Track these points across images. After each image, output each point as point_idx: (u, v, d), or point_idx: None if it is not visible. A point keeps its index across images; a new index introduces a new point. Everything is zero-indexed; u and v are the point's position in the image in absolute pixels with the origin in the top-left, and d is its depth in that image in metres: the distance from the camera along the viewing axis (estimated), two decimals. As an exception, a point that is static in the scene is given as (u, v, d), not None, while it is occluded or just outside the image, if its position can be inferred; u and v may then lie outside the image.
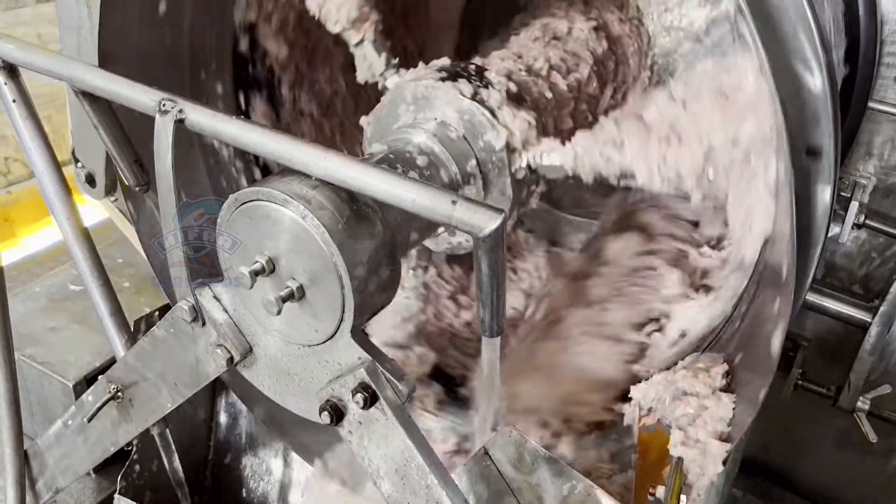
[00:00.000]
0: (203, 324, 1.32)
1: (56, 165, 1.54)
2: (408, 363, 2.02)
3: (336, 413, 1.21)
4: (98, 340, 2.39)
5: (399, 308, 2.06)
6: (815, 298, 2.00)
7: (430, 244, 1.62)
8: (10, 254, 3.27)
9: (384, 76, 1.62)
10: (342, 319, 1.16)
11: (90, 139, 1.94)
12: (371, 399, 1.17)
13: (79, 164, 2.08)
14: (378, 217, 1.19)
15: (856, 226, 1.94)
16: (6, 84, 1.45)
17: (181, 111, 1.18)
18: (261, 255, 1.18)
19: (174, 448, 1.89)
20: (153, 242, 1.77)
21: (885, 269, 2.09)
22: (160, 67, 1.68)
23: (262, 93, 2.01)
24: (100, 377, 1.52)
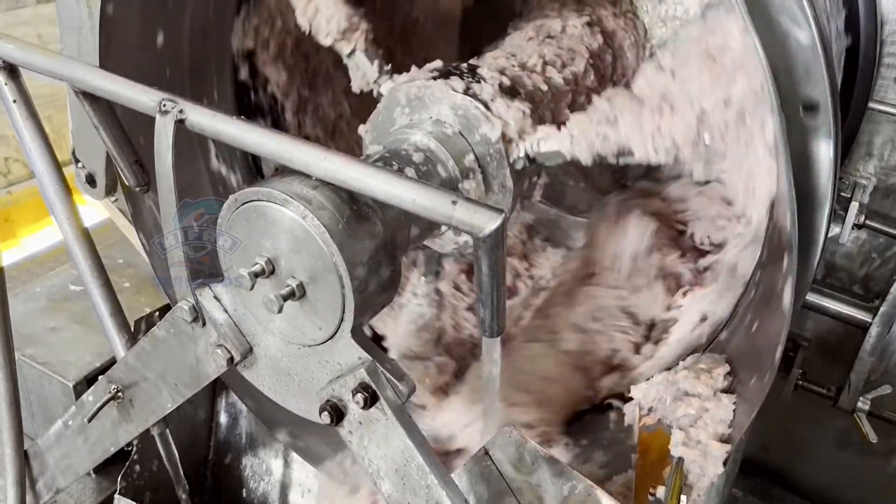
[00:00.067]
0: (203, 324, 1.32)
1: (56, 165, 1.54)
2: (428, 374, 2.01)
3: (336, 413, 1.21)
4: (98, 340, 2.39)
5: (413, 316, 2.05)
6: (816, 298, 2.00)
7: (437, 245, 1.61)
8: (11, 254, 3.27)
9: (378, 83, 1.63)
10: (342, 319, 1.16)
11: (90, 139, 1.94)
12: (371, 399, 1.17)
13: (79, 165, 2.09)
14: (378, 217, 1.19)
15: (856, 226, 1.94)
16: (7, 84, 1.45)
17: (181, 111, 1.18)
18: (260, 257, 1.18)
19: (174, 448, 1.89)
20: (153, 242, 1.77)
21: (886, 270, 2.09)
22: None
23: (267, 120, 2.03)
24: (100, 377, 1.52)
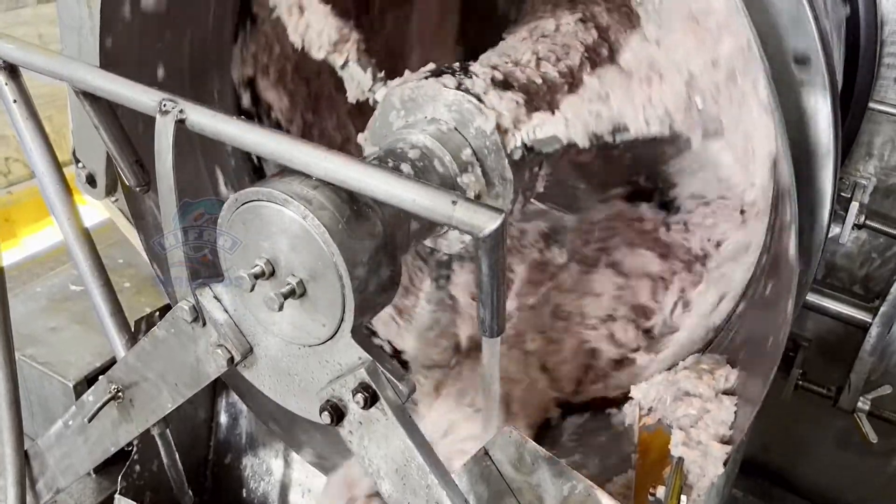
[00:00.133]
0: (203, 324, 1.32)
1: (57, 165, 1.54)
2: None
3: (336, 413, 1.21)
4: (98, 341, 2.39)
5: (429, 324, 2.05)
6: (816, 299, 2.00)
7: (444, 246, 1.61)
8: (11, 254, 3.27)
9: (373, 91, 1.63)
10: (342, 319, 1.16)
11: (91, 139, 1.94)
12: (371, 399, 1.17)
13: (79, 165, 2.09)
14: (378, 217, 1.19)
15: (856, 226, 1.94)
16: (7, 84, 1.45)
17: (182, 111, 1.18)
18: (261, 259, 1.18)
19: (175, 448, 1.89)
20: (154, 242, 1.77)
21: (886, 270, 2.09)
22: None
23: None
24: (100, 377, 1.52)
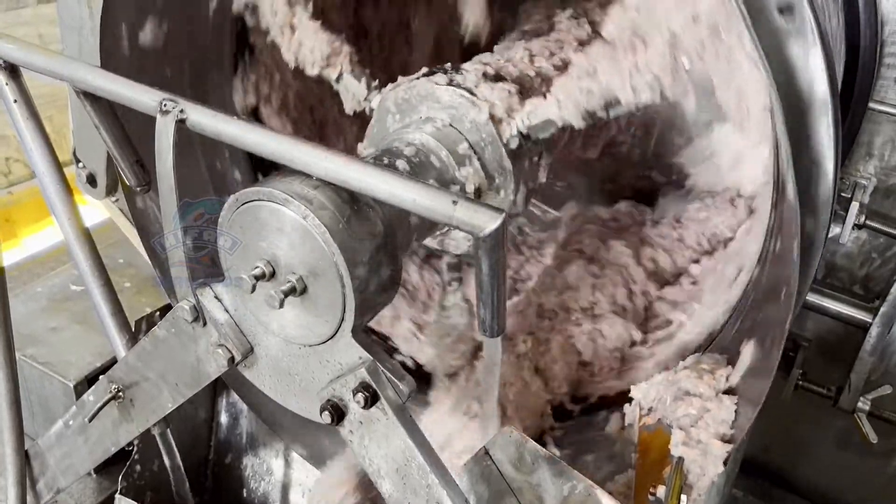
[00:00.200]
0: (204, 324, 1.32)
1: (57, 165, 1.54)
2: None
3: (337, 413, 1.21)
4: (99, 340, 2.40)
5: (446, 330, 2.04)
6: (816, 299, 2.00)
7: (451, 247, 1.61)
8: (12, 254, 3.27)
9: (369, 100, 1.64)
10: (343, 319, 1.17)
11: (91, 139, 1.94)
12: (372, 399, 1.17)
13: (80, 165, 2.09)
14: (379, 217, 1.19)
15: (856, 226, 1.94)
16: (7, 84, 1.45)
17: (182, 111, 1.18)
18: (261, 261, 1.18)
19: (175, 448, 1.89)
20: (154, 242, 1.77)
21: (886, 270, 2.09)
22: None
23: None
24: (101, 377, 1.52)
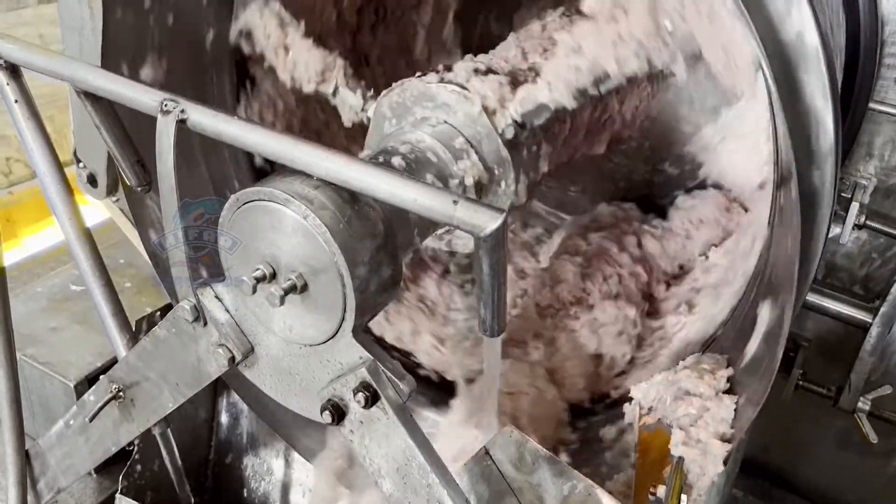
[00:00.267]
0: (205, 323, 1.32)
1: (58, 165, 1.54)
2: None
3: (337, 412, 1.21)
4: (99, 340, 2.40)
5: (464, 332, 2.03)
6: (816, 299, 2.00)
7: (459, 246, 1.61)
8: (12, 254, 3.27)
9: (365, 110, 1.65)
10: (343, 319, 1.17)
11: (92, 139, 1.94)
12: (372, 398, 1.17)
13: (80, 165, 2.09)
14: (379, 217, 1.19)
15: (856, 226, 1.94)
16: (8, 84, 1.45)
17: (183, 111, 1.18)
18: (262, 262, 1.18)
19: (176, 448, 1.89)
20: (154, 242, 1.77)
21: (886, 270, 2.09)
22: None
23: None
24: (101, 377, 1.52)
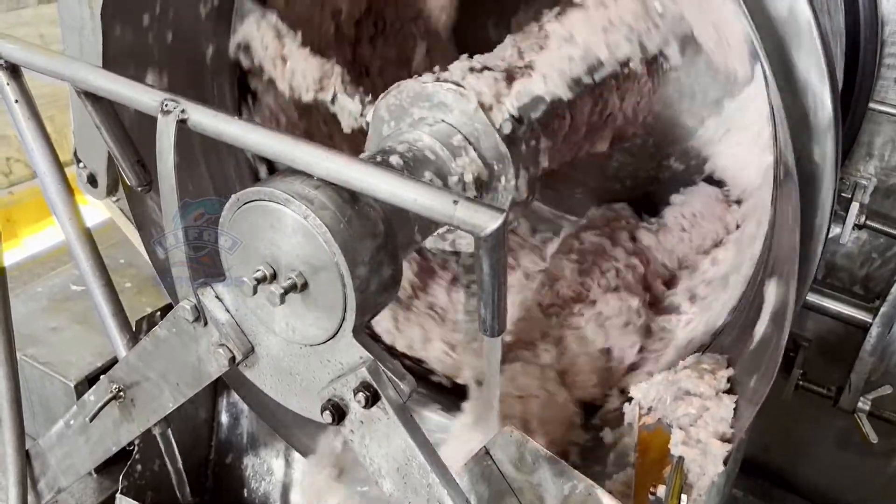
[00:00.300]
0: (205, 323, 1.32)
1: (58, 165, 1.54)
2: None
3: (338, 412, 1.21)
4: (99, 340, 2.40)
5: (473, 334, 2.03)
6: (816, 299, 2.00)
7: (463, 245, 1.61)
8: (12, 254, 3.27)
9: (364, 115, 1.65)
10: (344, 319, 1.17)
11: (92, 139, 1.94)
12: (373, 398, 1.17)
13: (81, 164, 2.09)
14: (380, 217, 1.19)
15: (856, 226, 1.94)
16: (9, 84, 1.45)
17: (183, 111, 1.18)
18: (263, 263, 1.18)
19: (176, 448, 1.89)
20: (154, 242, 1.78)
21: (886, 270, 2.09)
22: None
23: None
24: (102, 377, 1.52)
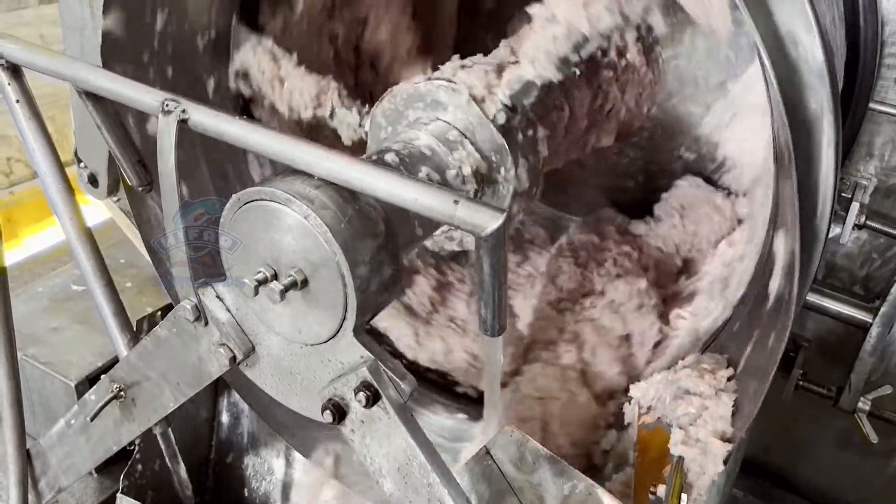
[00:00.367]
0: (206, 323, 1.32)
1: (59, 165, 1.54)
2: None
3: (338, 412, 1.21)
4: (100, 340, 2.40)
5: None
6: (816, 299, 2.00)
7: (469, 244, 1.62)
8: (13, 254, 3.27)
9: (363, 125, 1.66)
10: (345, 318, 1.17)
11: (93, 139, 1.95)
12: (373, 398, 1.17)
13: (81, 164, 2.09)
14: (380, 216, 1.20)
15: (857, 226, 1.94)
16: (10, 84, 1.45)
17: (184, 111, 1.18)
18: (264, 265, 1.18)
19: (176, 447, 1.89)
20: (155, 242, 1.78)
21: (886, 270, 2.09)
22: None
23: None
24: (102, 376, 1.52)
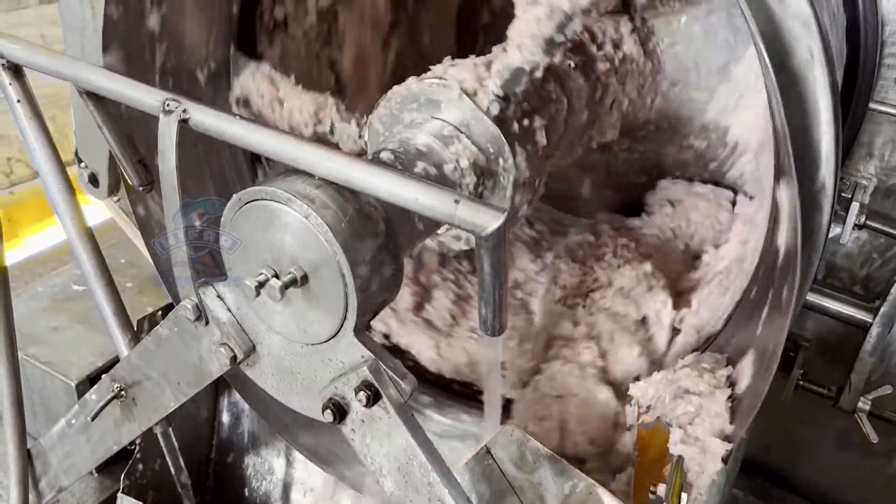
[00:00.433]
0: (206, 323, 1.32)
1: (60, 165, 1.54)
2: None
3: (339, 411, 1.22)
4: (100, 340, 2.40)
5: (507, 333, 2.03)
6: (816, 299, 2.00)
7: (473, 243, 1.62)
8: (14, 254, 3.27)
9: (362, 136, 1.66)
10: (345, 318, 1.17)
11: (94, 139, 1.95)
12: (374, 397, 1.18)
13: (82, 164, 2.09)
14: (381, 216, 1.20)
15: (857, 226, 1.94)
16: (11, 84, 1.45)
17: (185, 111, 1.19)
18: (265, 267, 1.18)
19: (177, 447, 1.89)
20: (155, 242, 1.78)
21: (886, 270, 2.09)
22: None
23: None
24: (103, 376, 1.53)
